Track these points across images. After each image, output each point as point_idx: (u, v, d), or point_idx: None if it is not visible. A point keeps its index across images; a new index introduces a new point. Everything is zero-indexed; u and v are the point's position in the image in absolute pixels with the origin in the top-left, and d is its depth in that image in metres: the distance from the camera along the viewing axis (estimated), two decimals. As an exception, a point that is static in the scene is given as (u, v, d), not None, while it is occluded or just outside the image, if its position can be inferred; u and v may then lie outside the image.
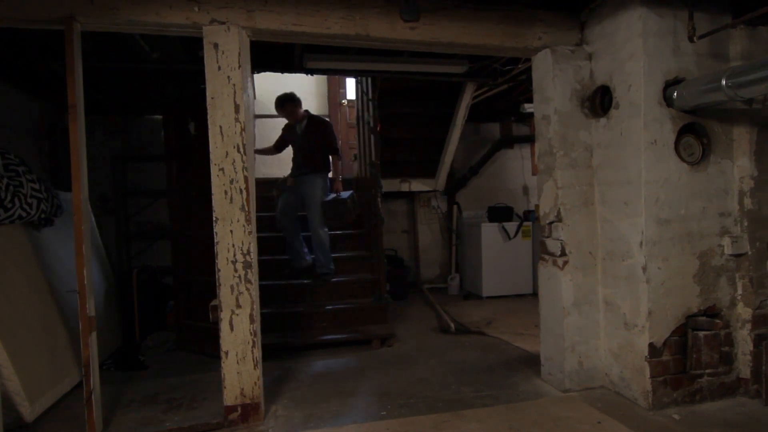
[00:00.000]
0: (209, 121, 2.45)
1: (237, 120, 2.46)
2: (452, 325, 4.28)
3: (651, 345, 2.53)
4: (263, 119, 6.30)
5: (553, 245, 2.91)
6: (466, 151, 6.32)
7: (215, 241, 2.45)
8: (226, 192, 2.45)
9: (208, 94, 2.46)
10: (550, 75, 2.86)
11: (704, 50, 2.60)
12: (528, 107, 5.39)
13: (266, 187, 4.98)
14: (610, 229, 2.78)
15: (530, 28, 2.84)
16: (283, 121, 4.55)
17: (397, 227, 6.31)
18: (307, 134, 4.26)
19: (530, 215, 5.74)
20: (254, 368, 2.51)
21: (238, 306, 2.46)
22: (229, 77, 2.46)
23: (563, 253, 2.84)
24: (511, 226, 5.61)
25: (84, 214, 2.35)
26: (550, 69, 2.85)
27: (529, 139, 6.29)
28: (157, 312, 4.24)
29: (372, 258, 4.40)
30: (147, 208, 5.18)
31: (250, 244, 2.47)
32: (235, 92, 2.46)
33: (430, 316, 4.80)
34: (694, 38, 2.48)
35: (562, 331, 2.84)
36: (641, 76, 2.51)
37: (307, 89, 6.64)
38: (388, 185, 5.50)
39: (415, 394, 2.87)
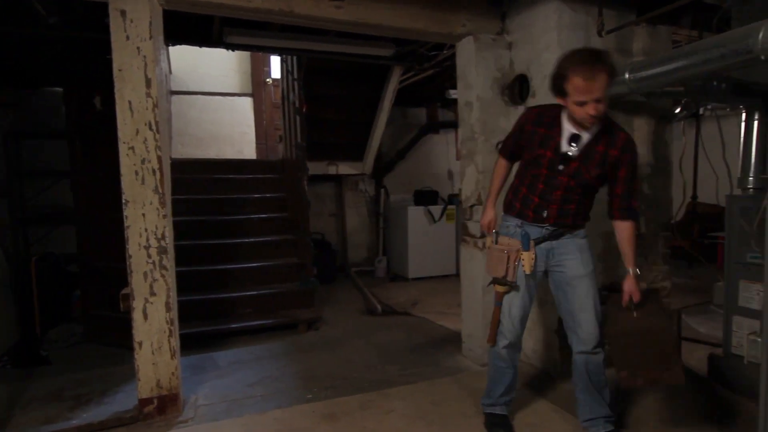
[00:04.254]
0: (117, 96, 2.26)
1: (148, 95, 2.28)
2: (379, 306, 4.35)
3: (560, 320, 2.72)
4: (180, 96, 5.95)
5: (474, 227, 3.03)
6: (394, 135, 6.37)
7: (125, 225, 2.28)
8: (137, 173, 2.28)
9: (114, 65, 2.26)
10: (472, 62, 2.94)
11: (611, 45, 2.78)
12: (453, 93, 5.51)
13: (183, 168, 4.73)
14: (526, 212, 2.93)
15: (455, 15, 2.89)
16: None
17: (324, 210, 6.26)
18: (589, 153, 1.94)
19: (454, 199, 5.93)
20: (171, 358, 2.39)
21: (153, 294, 2.33)
22: (139, 48, 2.27)
23: (483, 235, 2.95)
24: (436, 210, 5.77)
25: (-33, 195, 2.09)
26: (473, 56, 2.93)
27: (454, 125, 6.45)
28: (62, 303, 3.91)
29: (298, 242, 4.34)
30: (47, 191, 4.71)
31: (165, 228, 2.33)
32: (146, 65, 2.28)
33: (357, 299, 4.84)
34: (603, 33, 2.65)
35: (481, 309, 2.97)
36: (555, 67, 2.65)
37: (229, 66, 6.35)
38: (315, 168, 5.43)
39: (341, 376, 2.89)
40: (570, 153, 1.94)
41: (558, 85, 1.87)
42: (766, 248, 1.69)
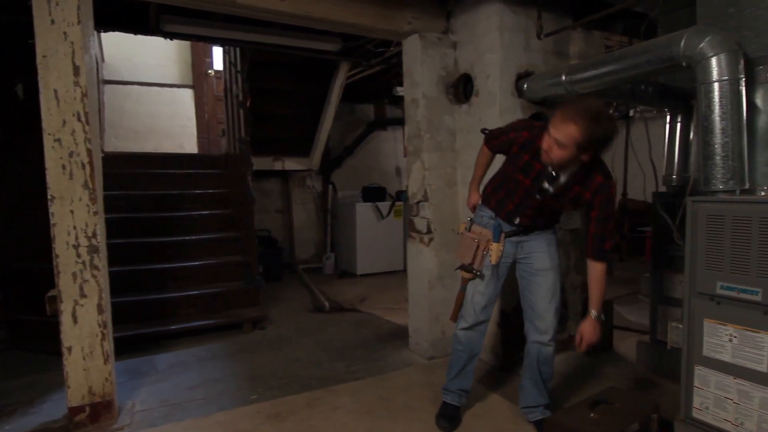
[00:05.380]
0: (41, 84, 2.10)
1: (77, 84, 2.14)
2: (327, 303, 4.32)
3: (502, 312, 2.82)
4: (114, 86, 5.63)
5: (420, 223, 3.07)
6: (341, 130, 6.34)
7: (52, 222, 2.13)
8: (64, 166, 2.13)
9: (38, 51, 2.09)
10: (418, 60, 2.97)
11: (549, 48, 2.90)
12: (399, 90, 5.57)
13: (118, 163, 4.49)
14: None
15: (401, 12, 2.90)
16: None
17: (270, 207, 6.14)
18: (565, 192, 1.97)
19: (402, 195, 5.98)
20: (105, 363, 2.26)
21: (83, 296, 2.19)
22: (65, 33, 2.12)
23: (429, 231, 3.00)
24: (384, 206, 5.80)
25: None
26: (419, 54, 2.96)
27: (402, 122, 6.50)
28: (-20, 307, 3.59)
29: (243, 239, 4.22)
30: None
31: (96, 225, 2.20)
32: (73, 51, 2.13)
33: (305, 297, 4.79)
34: (541, 36, 2.75)
35: (427, 304, 3.02)
36: (498, 68, 2.72)
37: (168, 55, 6.08)
38: (260, 163, 5.31)
39: (287, 375, 2.85)
40: (547, 188, 1.94)
41: (551, 117, 1.83)
42: (687, 242, 1.82)
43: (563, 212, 2.16)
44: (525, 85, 2.76)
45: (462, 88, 3.02)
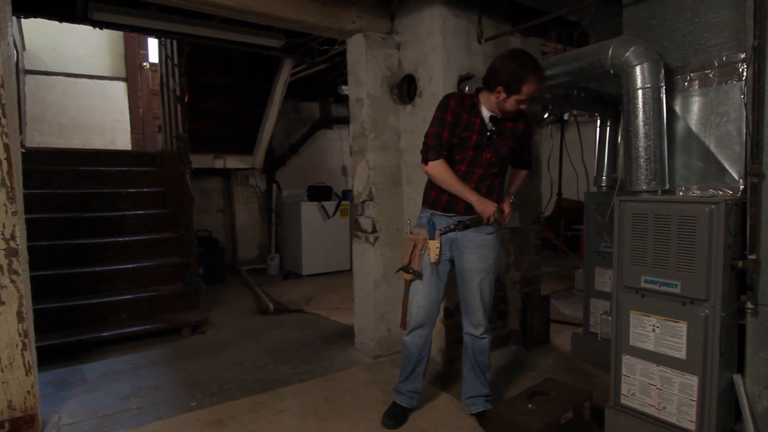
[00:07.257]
0: (-51, 72, 1.92)
1: (-8, 73, 1.97)
2: (271, 305, 4.23)
3: (446, 308, 2.87)
4: (37, 76, 5.23)
5: (365, 223, 3.07)
6: (286, 129, 6.23)
7: (-37, 224, 1.95)
8: (-23, 163, 1.96)
9: (-55, 36, 1.91)
10: (363, 59, 2.97)
11: (489, 51, 2.98)
12: (345, 89, 5.54)
13: (41, 159, 4.19)
14: (414, 208, 3.02)
15: (345, 11, 2.89)
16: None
17: (211, 206, 5.93)
18: (504, 130, 2.15)
19: (348, 194, 5.96)
20: (26, 375, 2.10)
21: (0, 303, 2.02)
22: (-22, 18, 1.95)
23: (374, 230, 3.01)
24: (330, 205, 5.76)
25: None
26: (363, 54, 2.95)
27: (348, 121, 6.47)
28: None
29: (181, 240, 4.05)
30: None
31: (15, 227, 2.03)
32: (-13, 38, 1.96)
33: (248, 299, 4.67)
34: (482, 40, 2.83)
35: (372, 302, 3.03)
36: (440, 70, 2.77)
37: (98, 46, 5.73)
38: (200, 161, 5.12)
39: (229, 380, 2.76)
40: (493, 129, 2.12)
41: (515, 84, 1.97)
42: (615, 239, 1.93)
43: (506, 162, 2.23)
44: (467, 88, 2.82)
45: (406, 89, 3.05)
